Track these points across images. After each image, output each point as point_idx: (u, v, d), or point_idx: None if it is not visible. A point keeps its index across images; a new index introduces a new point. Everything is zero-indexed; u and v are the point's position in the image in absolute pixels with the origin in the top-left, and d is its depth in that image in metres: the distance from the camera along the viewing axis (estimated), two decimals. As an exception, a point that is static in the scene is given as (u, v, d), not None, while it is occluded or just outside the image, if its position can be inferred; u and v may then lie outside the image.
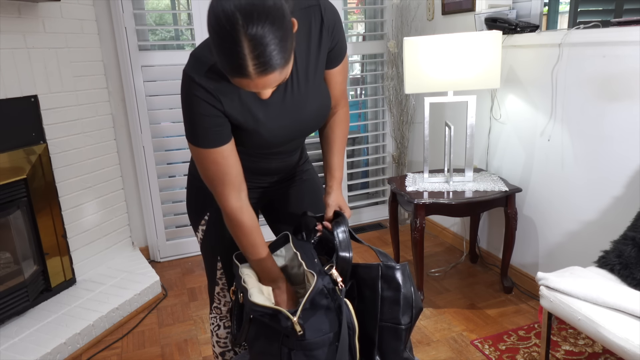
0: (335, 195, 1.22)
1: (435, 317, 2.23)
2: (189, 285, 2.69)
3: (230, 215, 1.11)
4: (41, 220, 2.26)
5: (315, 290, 1.00)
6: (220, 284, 1.36)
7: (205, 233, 1.31)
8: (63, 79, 2.36)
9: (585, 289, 1.48)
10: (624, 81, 1.81)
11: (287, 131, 1.13)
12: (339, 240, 1.08)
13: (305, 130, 1.18)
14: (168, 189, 2.95)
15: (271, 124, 1.09)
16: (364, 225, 3.39)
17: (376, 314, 1.06)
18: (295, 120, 1.12)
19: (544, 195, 2.26)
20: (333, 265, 1.05)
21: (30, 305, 2.21)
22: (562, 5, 2.68)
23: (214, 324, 1.43)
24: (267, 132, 1.09)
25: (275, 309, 1.00)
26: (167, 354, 2.10)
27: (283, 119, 1.10)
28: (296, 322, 0.96)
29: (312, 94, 1.13)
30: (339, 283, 1.02)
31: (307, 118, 1.14)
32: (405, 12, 3.03)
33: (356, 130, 3.45)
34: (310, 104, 1.13)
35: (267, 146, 1.14)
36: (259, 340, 1.10)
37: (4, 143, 2.08)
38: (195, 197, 1.30)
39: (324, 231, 1.18)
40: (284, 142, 1.16)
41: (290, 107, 1.11)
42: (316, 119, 1.17)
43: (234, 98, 1.03)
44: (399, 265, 1.07)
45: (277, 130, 1.10)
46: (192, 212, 1.33)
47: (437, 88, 2.24)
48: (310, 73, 1.11)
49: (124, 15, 2.61)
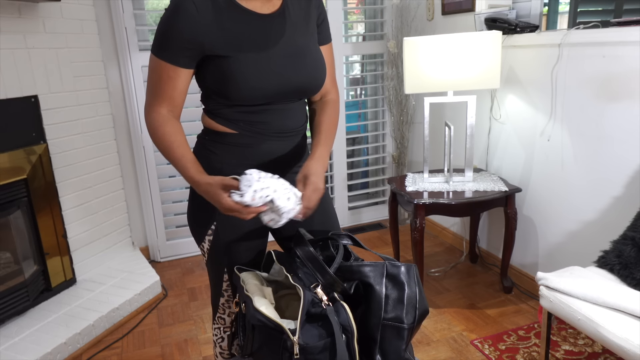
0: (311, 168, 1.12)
1: (435, 317, 2.23)
2: (189, 285, 2.69)
3: (155, 123, 1.11)
4: (41, 220, 2.26)
5: (307, 302, 1.01)
6: (226, 296, 1.33)
7: (213, 243, 1.26)
8: (63, 79, 2.36)
9: (585, 289, 1.48)
10: (624, 81, 1.81)
11: (283, 71, 1.12)
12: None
13: (296, 86, 1.15)
14: (168, 189, 2.95)
15: (260, 61, 1.09)
16: (364, 225, 3.39)
17: (380, 312, 1.06)
18: (293, 61, 1.13)
19: (544, 195, 2.26)
20: (318, 284, 1.06)
21: (30, 305, 2.21)
22: (562, 6, 2.68)
23: (217, 335, 1.40)
24: (263, 64, 1.09)
25: (278, 324, 1.01)
26: (167, 354, 2.10)
27: (280, 55, 1.11)
28: (296, 342, 0.98)
29: (308, 49, 1.16)
30: (323, 301, 1.03)
31: (305, 67, 1.15)
32: (405, 12, 3.03)
33: (356, 130, 3.45)
34: (310, 54, 1.16)
35: (262, 85, 1.10)
36: (262, 348, 1.10)
37: (4, 143, 2.08)
38: (199, 208, 1.24)
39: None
40: (279, 87, 1.13)
41: (288, 43, 1.13)
42: (309, 79, 1.17)
43: (225, 20, 1.07)
44: (404, 265, 1.08)
45: (273, 65, 1.10)
46: (196, 223, 1.27)
47: (437, 88, 2.24)
48: (309, 31, 1.17)
49: (124, 15, 2.61)
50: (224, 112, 1.16)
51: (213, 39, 1.07)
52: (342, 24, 3.05)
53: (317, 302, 1.03)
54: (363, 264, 1.09)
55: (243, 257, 1.26)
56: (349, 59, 3.31)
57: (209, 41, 1.07)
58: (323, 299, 1.03)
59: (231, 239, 1.23)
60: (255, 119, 1.16)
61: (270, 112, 1.17)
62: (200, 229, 1.26)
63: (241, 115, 1.15)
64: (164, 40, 1.07)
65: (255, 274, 1.21)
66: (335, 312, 1.02)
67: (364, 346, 1.08)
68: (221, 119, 1.17)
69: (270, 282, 1.22)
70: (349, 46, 3.11)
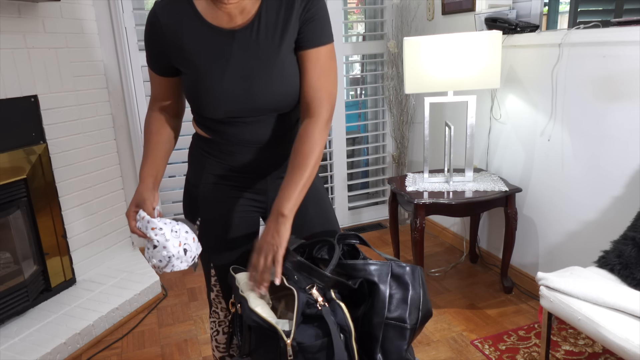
0: (264, 233, 1.07)
1: (435, 317, 2.23)
2: (189, 285, 2.69)
3: (146, 118, 1.27)
4: (41, 220, 2.26)
5: (301, 304, 1.02)
6: (215, 290, 1.35)
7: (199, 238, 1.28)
8: (63, 79, 2.36)
9: (585, 289, 1.48)
10: (624, 81, 1.81)
11: (236, 93, 1.10)
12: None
13: (256, 104, 1.11)
14: (168, 189, 2.95)
15: (213, 80, 1.09)
16: (364, 225, 3.39)
17: (383, 310, 1.06)
18: (245, 83, 1.09)
19: (544, 195, 2.26)
20: (313, 285, 1.06)
21: (30, 305, 2.21)
22: (562, 5, 2.68)
23: (213, 328, 1.42)
24: (215, 83, 1.09)
25: (272, 325, 1.01)
26: (167, 354, 2.10)
27: (233, 75, 1.09)
28: (289, 343, 0.98)
29: (273, 64, 1.09)
30: (318, 302, 1.03)
31: (259, 90, 1.10)
32: (405, 12, 3.03)
33: (356, 130, 3.45)
34: (266, 75, 1.09)
35: (218, 104, 1.10)
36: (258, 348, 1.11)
37: (4, 143, 2.08)
38: (188, 202, 1.30)
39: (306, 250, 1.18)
40: (234, 107, 1.11)
41: (242, 64, 1.09)
42: (268, 97, 1.11)
43: (185, 37, 1.10)
44: (409, 266, 1.09)
45: (226, 86, 1.09)
46: (185, 216, 1.32)
47: (437, 88, 2.24)
48: (282, 42, 1.09)
49: (124, 15, 2.61)
50: (200, 119, 1.21)
51: (174, 54, 1.12)
52: (342, 24, 3.05)
53: (312, 303, 1.03)
54: (368, 263, 1.10)
55: (228, 254, 1.27)
56: (349, 58, 3.31)
57: (170, 55, 1.12)
58: (318, 299, 1.03)
59: (215, 235, 1.26)
60: (223, 129, 1.18)
61: (238, 125, 1.16)
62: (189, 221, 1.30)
63: (212, 124, 1.19)
64: (145, 48, 1.17)
65: None
66: (332, 311, 1.03)
67: (366, 345, 1.08)
68: (200, 125, 1.23)
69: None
70: (349, 46, 3.11)
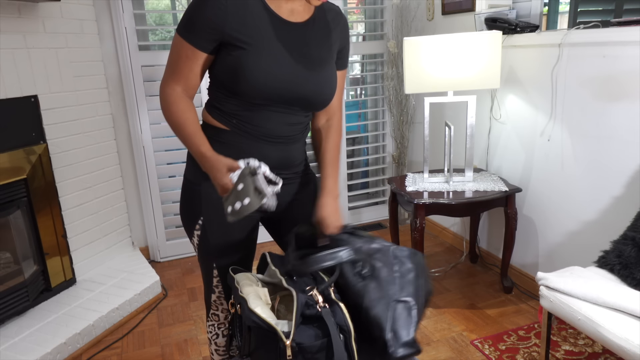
0: (326, 208, 1.23)
1: (435, 317, 2.23)
2: (189, 285, 2.69)
3: (169, 99, 1.16)
4: (41, 220, 2.26)
5: (300, 305, 1.02)
6: (217, 292, 1.33)
7: (201, 239, 1.27)
8: (63, 79, 2.36)
9: (585, 289, 1.48)
10: (624, 81, 1.81)
11: (290, 77, 1.14)
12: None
13: (302, 95, 1.17)
14: (168, 189, 2.95)
15: (274, 60, 1.12)
16: (364, 225, 3.39)
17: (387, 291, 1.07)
18: (303, 70, 1.15)
19: (544, 195, 2.26)
20: (313, 287, 1.06)
21: (30, 305, 2.21)
22: (562, 5, 2.68)
23: (211, 332, 1.40)
24: (273, 62, 1.12)
25: (272, 326, 1.02)
26: (167, 354, 2.10)
27: (294, 60, 1.14)
28: (288, 345, 0.98)
29: (323, 64, 1.20)
30: (318, 303, 1.03)
31: (313, 79, 1.17)
32: (405, 12, 3.03)
33: (356, 130, 3.45)
34: (318, 71, 1.18)
35: (267, 83, 1.12)
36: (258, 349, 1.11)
37: (4, 143, 2.08)
38: (189, 201, 1.27)
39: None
40: (282, 89, 1.14)
41: (305, 52, 1.16)
42: (316, 92, 1.19)
43: (249, 15, 1.11)
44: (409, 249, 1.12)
45: (284, 67, 1.13)
46: (185, 217, 1.29)
47: (437, 88, 2.24)
48: (330, 49, 1.22)
49: (124, 15, 2.61)
50: (222, 105, 1.18)
51: (235, 27, 1.10)
52: (342, 24, 3.05)
53: (311, 304, 1.03)
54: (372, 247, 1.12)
55: (230, 255, 1.26)
56: (349, 58, 3.31)
57: (230, 28, 1.10)
58: (318, 300, 1.03)
59: (218, 235, 1.24)
60: (250, 116, 1.17)
61: (267, 114, 1.17)
62: (189, 223, 1.28)
63: (237, 110, 1.17)
64: (189, 23, 1.12)
65: (250, 275, 1.21)
66: (331, 312, 1.03)
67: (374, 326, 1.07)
68: (217, 112, 1.20)
69: (267, 283, 1.22)
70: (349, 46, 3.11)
